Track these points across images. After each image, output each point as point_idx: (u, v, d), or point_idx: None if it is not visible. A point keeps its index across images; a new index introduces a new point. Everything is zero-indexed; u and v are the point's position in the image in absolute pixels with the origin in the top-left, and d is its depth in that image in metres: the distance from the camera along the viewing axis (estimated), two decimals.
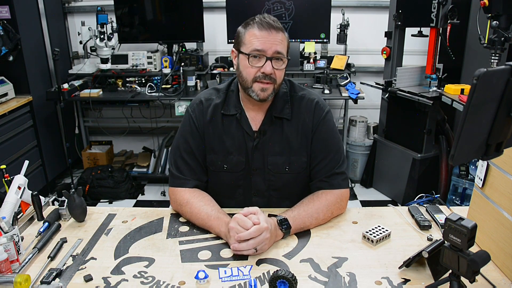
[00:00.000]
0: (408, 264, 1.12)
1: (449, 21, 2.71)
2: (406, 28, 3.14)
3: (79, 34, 3.48)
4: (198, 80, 3.36)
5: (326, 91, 3.24)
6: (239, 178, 1.49)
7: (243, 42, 1.35)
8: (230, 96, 1.47)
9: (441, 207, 1.45)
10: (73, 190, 1.41)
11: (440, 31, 2.80)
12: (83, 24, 3.37)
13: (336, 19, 3.43)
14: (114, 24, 3.37)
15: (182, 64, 3.45)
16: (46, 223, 1.34)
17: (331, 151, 1.45)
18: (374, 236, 1.25)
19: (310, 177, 1.49)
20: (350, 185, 2.34)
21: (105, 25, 3.19)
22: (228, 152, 1.46)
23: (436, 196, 1.54)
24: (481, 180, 1.20)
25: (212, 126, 1.46)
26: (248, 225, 1.19)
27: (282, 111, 1.44)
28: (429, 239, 1.26)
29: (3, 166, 1.40)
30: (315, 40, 3.47)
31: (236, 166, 1.47)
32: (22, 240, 1.24)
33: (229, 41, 3.43)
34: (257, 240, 1.18)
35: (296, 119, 1.45)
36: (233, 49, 1.42)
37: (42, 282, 1.08)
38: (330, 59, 3.52)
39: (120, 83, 3.49)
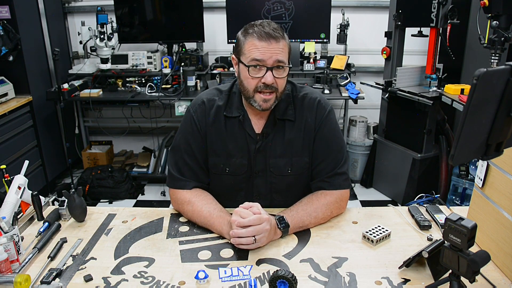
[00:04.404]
0: (408, 264, 1.12)
1: (449, 21, 2.71)
2: (406, 28, 3.14)
3: (79, 34, 3.48)
4: (198, 80, 3.36)
5: (326, 91, 3.24)
6: (241, 181, 1.48)
7: (242, 51, 1.33)
8: (233, 98, 1.46)
9: (441, 207, 1.45)
10: (73, 190, 1.41)
11: (440, 31, 2.80)
12: (83, 24, 3.37)
13: (336, 19, 3.43)
14: (114, 24, 3.37)
15: (182, 64, 3.45)
16: (46, 223, 1.34)
17: (333, 150, 1.45)
18: (374, 236, 1.25)
19: (311, 177, 1.49)
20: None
21: (105, 25, 3.20)
22: (230, 155, 1.45)
23: (436, 196, 1.54)
24: (481, 180, 1.20)
25: (214, 127, 1.44)
26: (250, 214, 1.20)
27: (285, 113, 1.43)
28: (429, 239, 1.26)
29: (3, 166, 1.40)
30: (315, 40, 3.47)
31: (238, 169, 1.46)
32: (22, 240, 1.24)
33: (229, 41, 3.43)
34: (256, 228, 1.18)
35: (299, 118, 1.44)
36: (233, 56, 1.40)
37: (42, 282, 1.08)
38: (330, 59, 3.52)
39: (120, 83, 3.49)
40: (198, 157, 1.46)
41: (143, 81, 3.48)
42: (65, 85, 3.28)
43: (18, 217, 1.37)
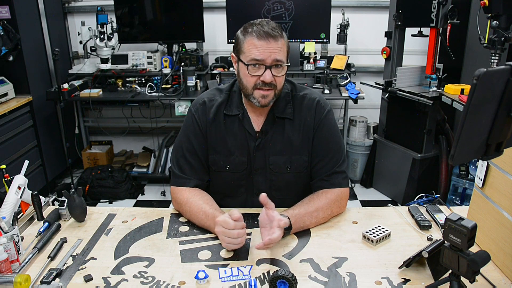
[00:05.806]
0: (408, 264, 1.12)
1: (449, 21, 2.71)
2: (406, 28, 3.13)
3: (79, 34, 3.47)
4: (198, 80, 3.36)
5: (326, 91, 3.24)
6: (241, 178, 1.49)
7: (242, 50, 1.35)
8: (233, 96, 1.48)
9: (441, 207, 1.45)
10: (73, 190, 1.41)
11: (440, 31, 2.80)
12: (83, 24, 3.37)
13: (336, 19, 3.43)
14: (114, 24, 3.37)
15: (182, 64, 3.45)
16: (46, 223, 1.34)
17: (331, 150, 1.46)
18: (374, 236, 1.25)
19: (311, 176, 1.50)
20: (350, 185, 2.31)
21: (105, 25, 3.19)
22: (230, 153, 1.46)
23: (436, 196, 1.54)
24: (481, 180, 1.20)
25: (214, 126, 1.46)
26: (231, 224, 1.19)
27: (284, 111, 1.45)
28: (429, 239, 1.26)
29: (3, 166, 1.40)
30: (315, 40, 3.47)
31: (238, 166, 1.47)
32: (22, 240, 1.24)
33: (229, 41, 3.43)
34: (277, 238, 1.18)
35: (298, 118, 1.46)
36: (233, 54, 1.42)
37: (42, 282, 1.08)
38: (330, 59, 3.51)
39: (120, 83, 3.49)
40: (199, 155, 1.47)
41: (143, 81, 3.47)
42: (65, 85, 3.28)
43: (18, 217, 1.37)
